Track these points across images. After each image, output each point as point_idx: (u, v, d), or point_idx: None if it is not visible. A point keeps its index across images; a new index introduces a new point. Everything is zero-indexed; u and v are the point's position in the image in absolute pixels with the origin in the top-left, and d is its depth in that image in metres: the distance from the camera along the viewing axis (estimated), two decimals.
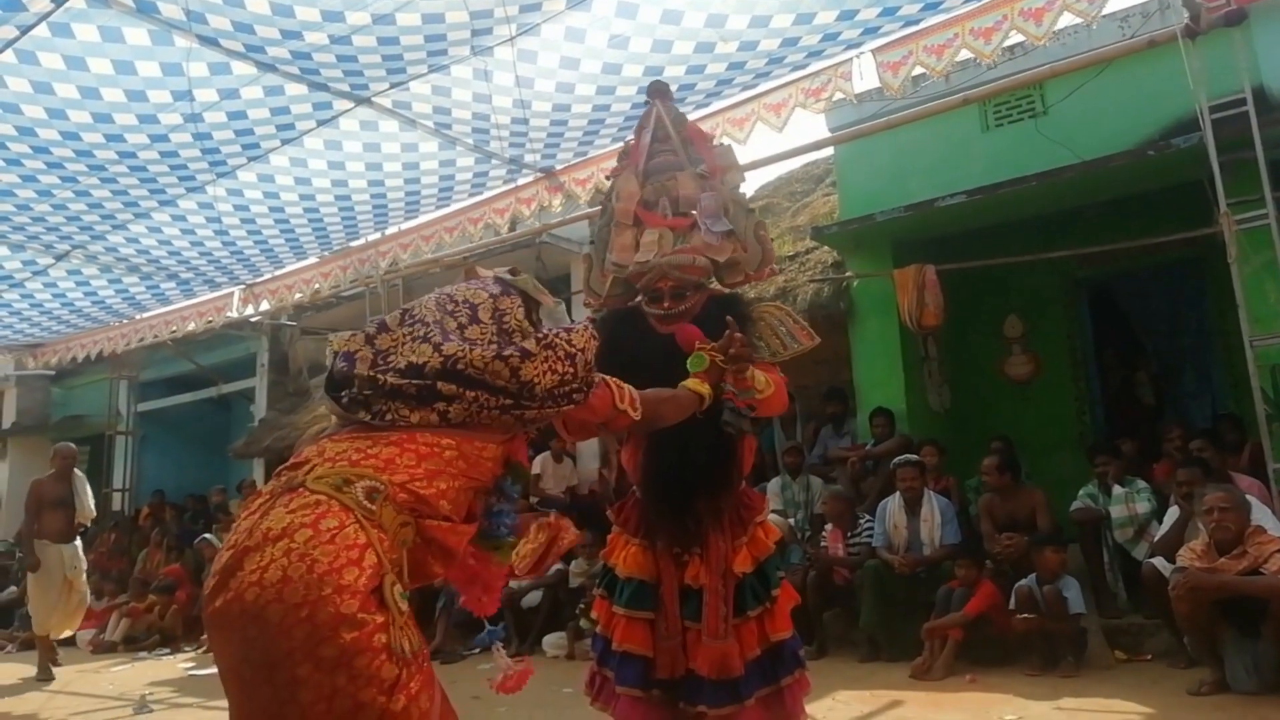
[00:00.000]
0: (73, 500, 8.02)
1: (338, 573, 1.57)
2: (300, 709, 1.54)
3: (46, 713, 6.51)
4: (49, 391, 15.88)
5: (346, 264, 8.66)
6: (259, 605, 1.54)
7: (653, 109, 3.39)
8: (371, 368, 1.94)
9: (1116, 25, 6.84)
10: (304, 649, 1.53)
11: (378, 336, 2.02)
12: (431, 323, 1.97)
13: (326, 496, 1.66)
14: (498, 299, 2.04)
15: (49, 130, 5.41)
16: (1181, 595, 4.57)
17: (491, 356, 1.88)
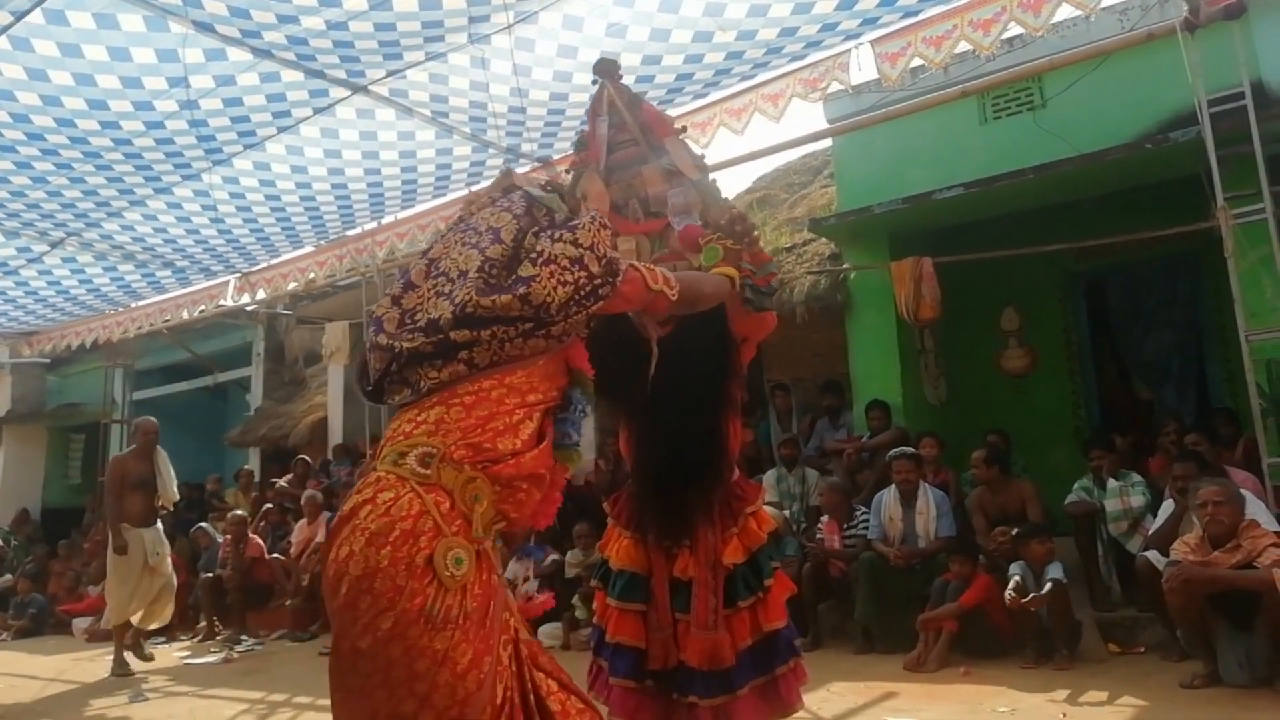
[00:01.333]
0: (154, 480, 7.36)
1: (393, 545, 1.66)
2: (362, 678, 1.64)
3: (40, 702, 6.51)
4: (44, 379, 15.84)
5: (343, 253, 8.64)
6: (335, 581, 1.69)
7: (603, 90, 3.17)
8: (399, 326, 1.95)
9: (1115, 18, 6.83)
10: (366, 621, 1.63)
11: (404, 296, 2.01)
12: (454, 273, 1.95)
13: (386, 473, 1.77)
14: (520, 219, 2.03)
15: (44, 117, 5.39)
16: (1175, 588, 4.58)
17: (499, 294, 1.87)
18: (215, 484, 12.53)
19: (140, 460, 7.33)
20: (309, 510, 9.76)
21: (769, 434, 8.51)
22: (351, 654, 1.66)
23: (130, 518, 7.16)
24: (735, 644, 2.84)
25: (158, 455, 7.43)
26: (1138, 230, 6.82)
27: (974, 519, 6.38)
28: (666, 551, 2.94)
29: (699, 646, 2.80)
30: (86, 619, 10.41)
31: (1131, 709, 4.35)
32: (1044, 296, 8.52)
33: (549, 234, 1.99)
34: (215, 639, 9.06)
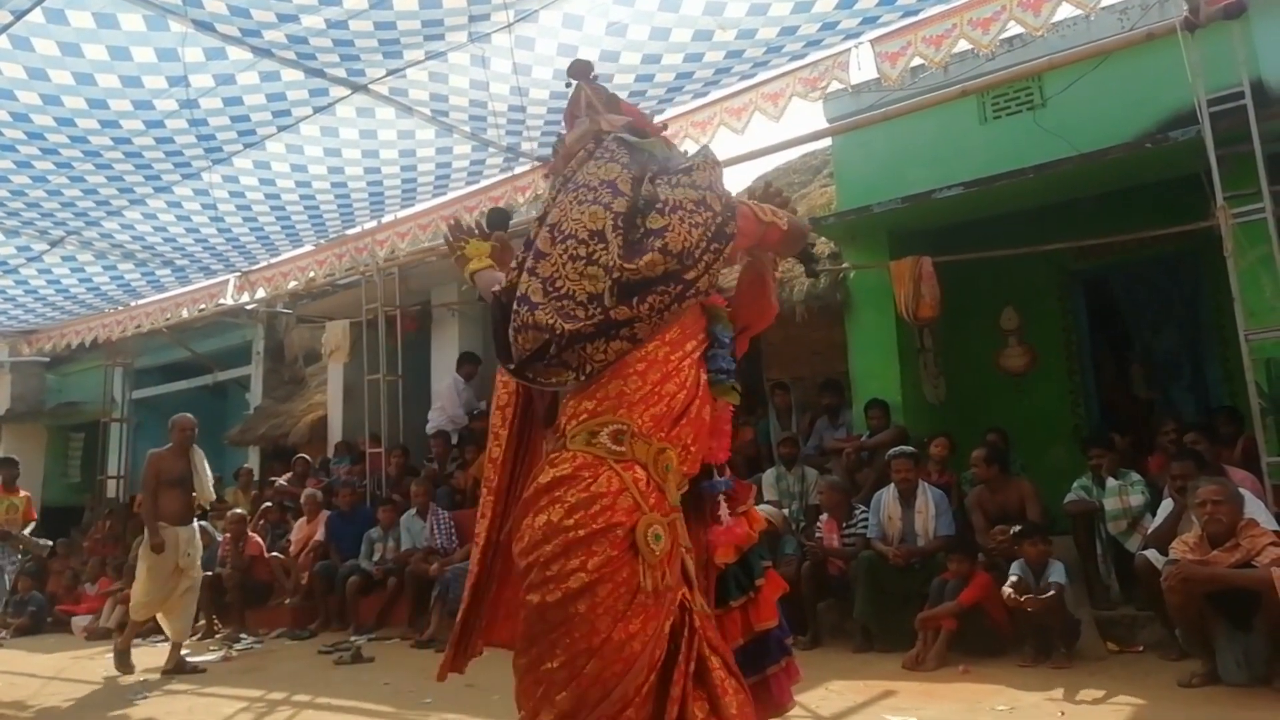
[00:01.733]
0: (191, 478, 7.20)
1: (589, 520, 1.81)
2: (547, 628, 1.80)
3: (39, 699, 6.51)
4: (44, 378, 15.85)
5: (343, 252, 8.64)
6: (531, 546, 1.84)
7: (579, 93, 3.04)
8: (546, 297, 1.92)
9: (1115, 18, 6.83)
10: (558, 581, 1.79)
11: (538, 265, 1.97)
12: (583, 234, 1.93)
13: (581, 451, 1.88)
14: (629, 166, 2.02)
15: (44, 116, 5.39)
16: (1173, 587, 4.59)
17: (640, 255, 1.88)
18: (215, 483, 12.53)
19: (177, 457, 7.20)
20: (308, 509, 9.78)
21: (768, 432, 8.51)
22: (540, 608, 1.81)
23: (166, 515, 7.01)
24: (727, 644, 2.84)
25: (194, 453, 7.31)
26: (1137, 229, 6.83)
27: (973, 518, 6.39)
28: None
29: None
30: (86, 617, 10.42)
31: (1130, 707, 4.36)
32: (1043, 296, 8.53)
33: (666, 180, 1.98)
34: (214, 637, 9.07)
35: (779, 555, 6.77)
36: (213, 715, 5.60)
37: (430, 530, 8.60)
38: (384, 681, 6.21)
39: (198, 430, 7.47)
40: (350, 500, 9.54)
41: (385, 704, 5.54)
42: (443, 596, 7.81)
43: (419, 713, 5.32)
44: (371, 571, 8.71)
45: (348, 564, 8.91)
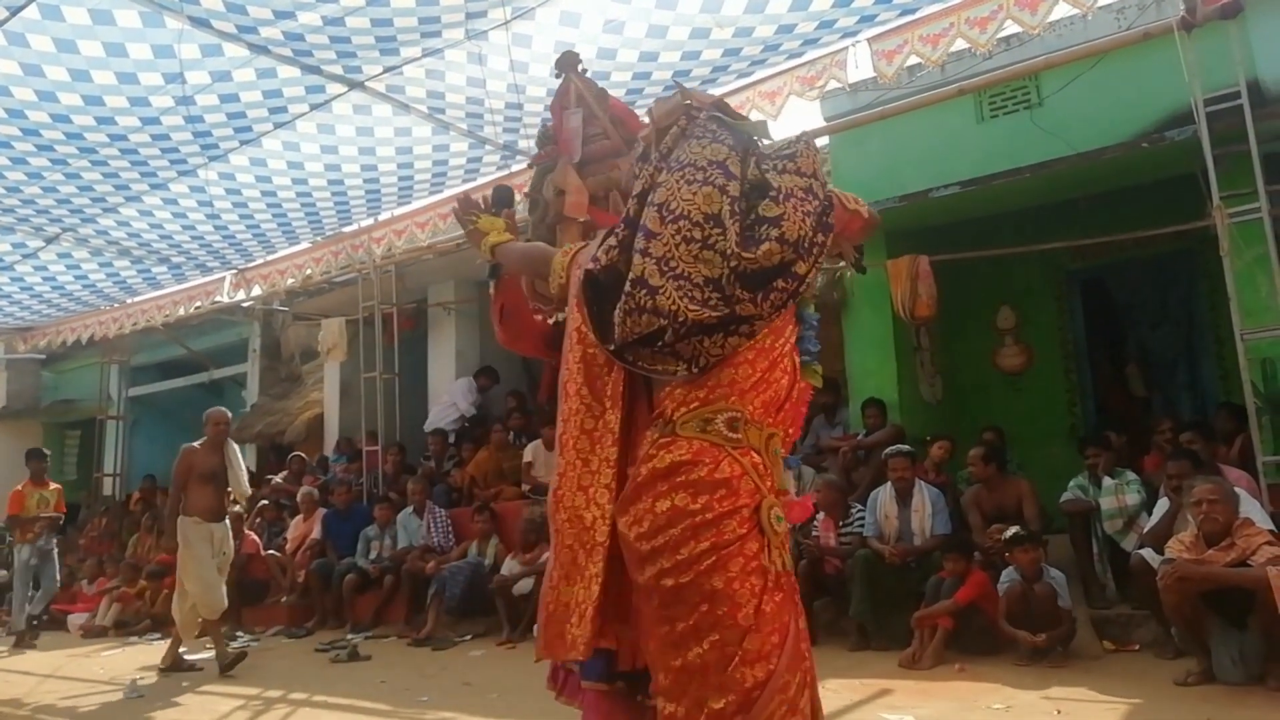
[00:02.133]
0: (225, 474, 6.97)
1: (715, 504, 1.86)
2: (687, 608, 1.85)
3: (35, 697, 6.50)
4: (39, 375, 15.81)
5: (339, 249, 8.64)
6: (653, 530, 1.88)
7: (569, 84, 3.03)
8: (664, 278, 1.88)
9: (1112, 17, 6.83)
10: (688, 563, 1.84)
11: (650, 245, 1.91)
12: (698, 217, 1.90)
13: (697, 438, 1.92)
14: (735, 147, 2.00)
15: (39, 113, 5.38)
16: (1169, 586, 4.59)
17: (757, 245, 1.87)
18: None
19: (211, 452, 6.96)
20: (305, 506, 9.77)
21: None
22: (675, 589, 1.86)
23: (200, 511, 6.77)
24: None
25: (229, 447, 7.08)
26: (1134, 229, 6.84)
27: (970, 516, 6.39)
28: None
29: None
30: (82, 615, 10.40)
31: (1126, 706, 4.36)
32: (1040, 295, 8.54)
33: (774, 165, 1.97)
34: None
35: None
36: (209, 713, 5.60)
37: (427, 528, 8.60)
38: (380, 680, 6.20)
39: (232, 424, 7.26)
40: (346, 498, 9.53)
41: (382, 702, 5.53)
42: (439, 594, 7.80)
43: (415, 711, 5.31)
44: (368, 569, 8.70)
45: (344, 562, 8.90)
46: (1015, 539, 5.57)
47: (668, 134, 2.09)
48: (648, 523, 1.90)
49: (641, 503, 1.92)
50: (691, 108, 2.11)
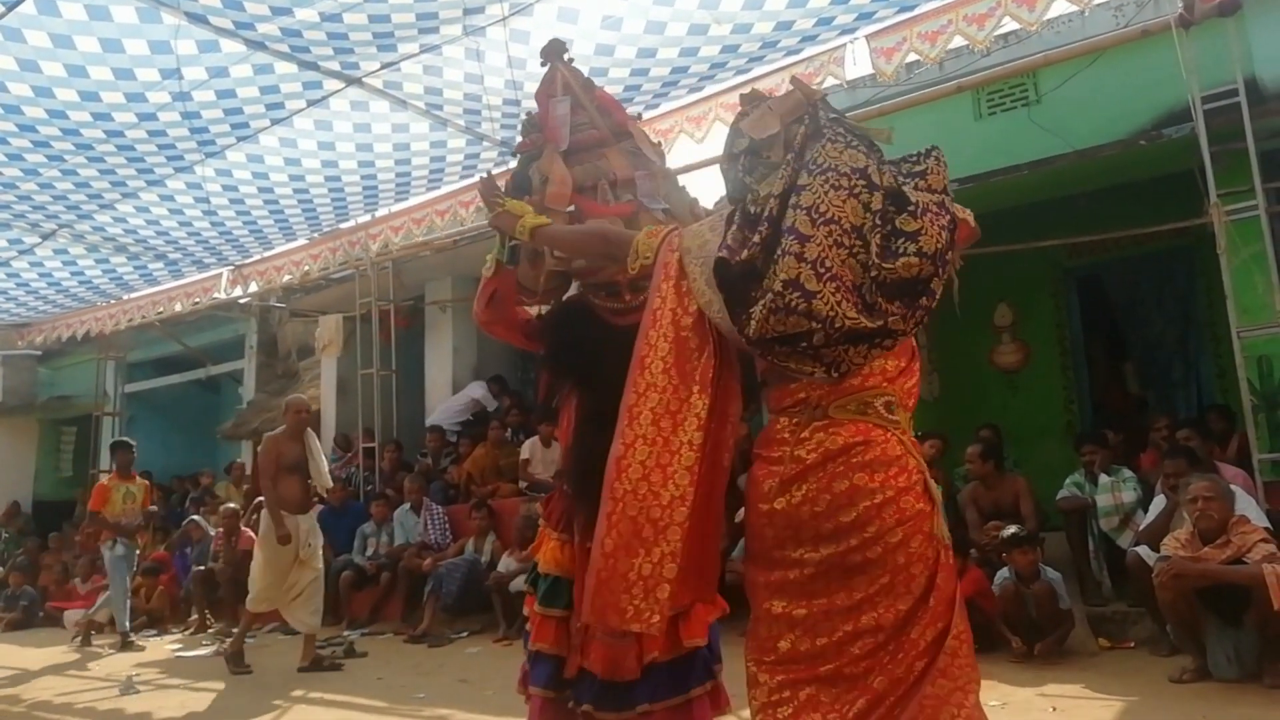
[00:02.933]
0: (308, 464, 6.72)
1: (892, 480, 1.98)
2: (869, 579, 1.97)
3: (31, 694, 6.49)
4: (36, 372, 15.76)
5: (336, 246, 8.64)
6: (833, 509, 1.98)
7: (555, 73, 2.99)
8: (820, 282, 1.91)
9: (1110, 14, 6.83)
10: (875, 539, 1.96)
11: (804, 249, 1.92)
12: (846, 225, 1.95)
13: (859, 419, 2.03)
14: (871, 157, 2.04)
15: (35, 108, 5.36)
16: (1165, 583, 4.60)
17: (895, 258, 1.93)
18: (209, 478, 12.52)
19: (293, 442, 6.70)
20: None
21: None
22: (861, 563, 1.98)
23: (286, 504, 6.52)
24: (643, 655, 2.62)
25: (309, 437, 6.81)
26: (1131, 226, 6.84)
27: (966, 513, 6.39)
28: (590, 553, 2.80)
29: (602, 653, 2.61)
30: (78, 612, 10.38)
31: (1121, 703, 4.37)
32: (1037, 292, 8.54)
33: (908, 180, 2.03)
34: (207, 632, 9.05)
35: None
36: (205, 710, 5.59)
37: (424, 525, 8.59)
38: (377, 676, 6.20)
39: (311, 414, 7.01)
40: (340, 495, 9.52)
41: (378, 699, 5.53)
42: (435, 591, 7.80)
43: (411, 707, 5.31)
44: (365, 566, 8.70)
45: (340, 559, 8.89)
46: (1013, 540, 5.55)
47: (796, 133, 2.10)
48: (825, 502, 2.00)
49: (813, 482, 2.01)
50: (812, 107, 2.13)
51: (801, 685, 2.03)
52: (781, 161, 2.08)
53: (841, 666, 1.99)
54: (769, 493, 2.07)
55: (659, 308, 2.16)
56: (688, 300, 2.14)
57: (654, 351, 2.13)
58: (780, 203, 2.02)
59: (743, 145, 2.19)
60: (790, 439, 2.08)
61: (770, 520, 2.08)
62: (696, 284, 2.13)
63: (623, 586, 2.05)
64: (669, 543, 2.04)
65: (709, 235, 2.17)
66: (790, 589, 2.07)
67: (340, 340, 10.60)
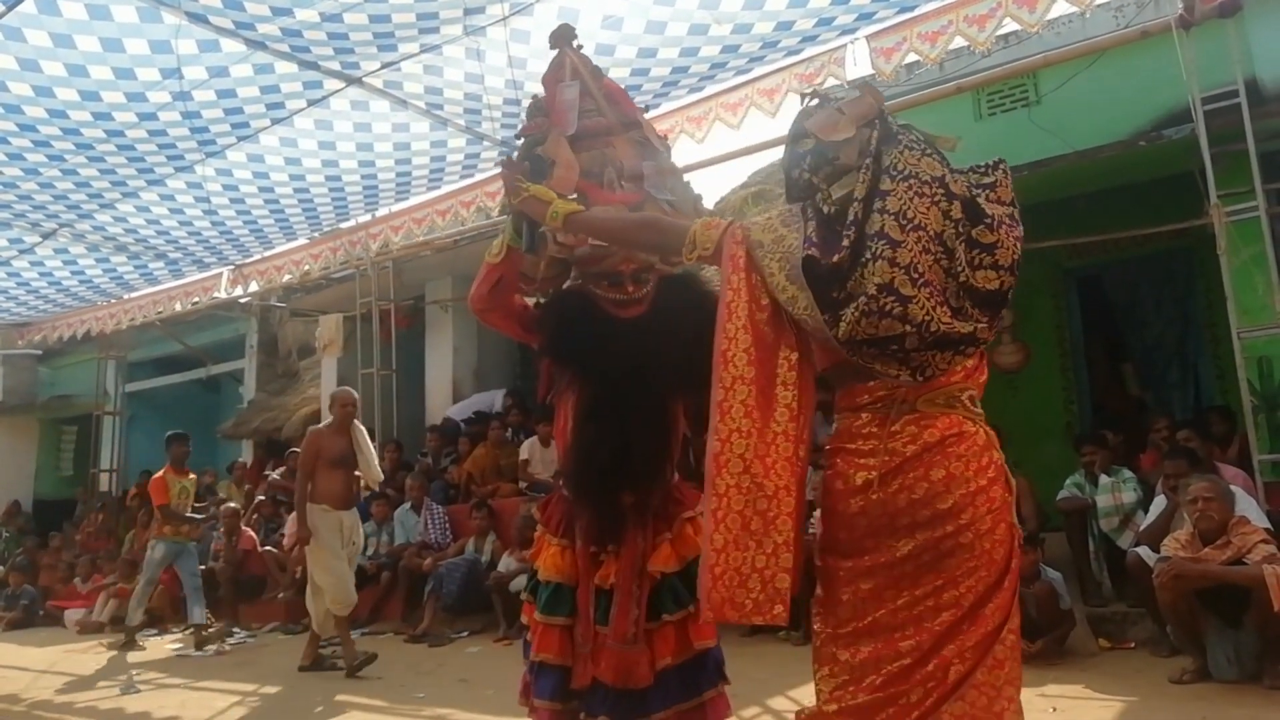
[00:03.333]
0: (354, 458, 6.53)
1: (984, 470, 2.08)
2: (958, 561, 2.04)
3: (32, 693, 6.50)
4: (36, 371, 15.78)
5: (337, 245, 8.63)
6: (930, 495, 2.05)
7: (564, 58, 2.96)
8: (915, 288, 1.96)
9: (1110, 15, 6.84)
10: (967, 522, 2.03)
11: (896, 254, 1.97)
12: (933, 232, 2.00)
13: (949, 412, 2.11)
14: (946, 166, 2.08)
15: (35, 108, 5.36)
16: (1165, 584, 4.60)
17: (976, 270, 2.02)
18: (211, 477, 12.52)
19: (339, 435, 6.50)
20: None
21: None
22: (954, 548, 2.05)
23: (330, 499, 6.33)
24: (655, 661, 2.58)
25: (356, 429, 6.61)
26: (1131, 227, 6.84)
27: None
28: (593, 558, 2.66)
29: (613, 662, 2.54)
30: (79, 611, 10.40)
31: (1121, 704, 4.37)
32: (1037, 293, 8.53)
33: (979, 191, 2.07)
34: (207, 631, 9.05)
35: None
36: (205, 709, 5.60)
37: (424, 525, 8.59)
38: (377, 676, 6.20)
39: (359, 405, 6.83)
40: None
41: (378, 698, 5.53)
42: (436, 591, 7.80)
43: (412, 707, 5.32)
44: (365, 566, 8.69)
45: None
46: None
47: (868, 137, 2.14)
48: (923, 490, 2.06)
49: (911, 472, 2.08)
50: (881, 114, 2.17)
51: (884, 662, 2.11)
52: (854, 165, 2.11)
53: (921, 641, 2.07)
54: (863, 485, 2.12)
55: (732, 300, 2.15)
56: (759, 293, 2.14)
57: (735, 344, 2.14)
58: (864, 207, 2.05)
59: (808, 145, 2.20)
60: (879, 433, 2.12)
61: (864, 511, 2.13)
62: (776, 279, 2.11)
63: (738, 581, 2.09)
64: (780, 533, 2.10)
65: (782, 230, 2.15)
66: (880, 572, 2.13)
67: (341, 340, 10.60)
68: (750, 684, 5.17)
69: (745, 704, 4.81)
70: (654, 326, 2.67)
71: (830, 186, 2.14)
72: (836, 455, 2.22)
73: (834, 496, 2.20)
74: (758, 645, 6.41)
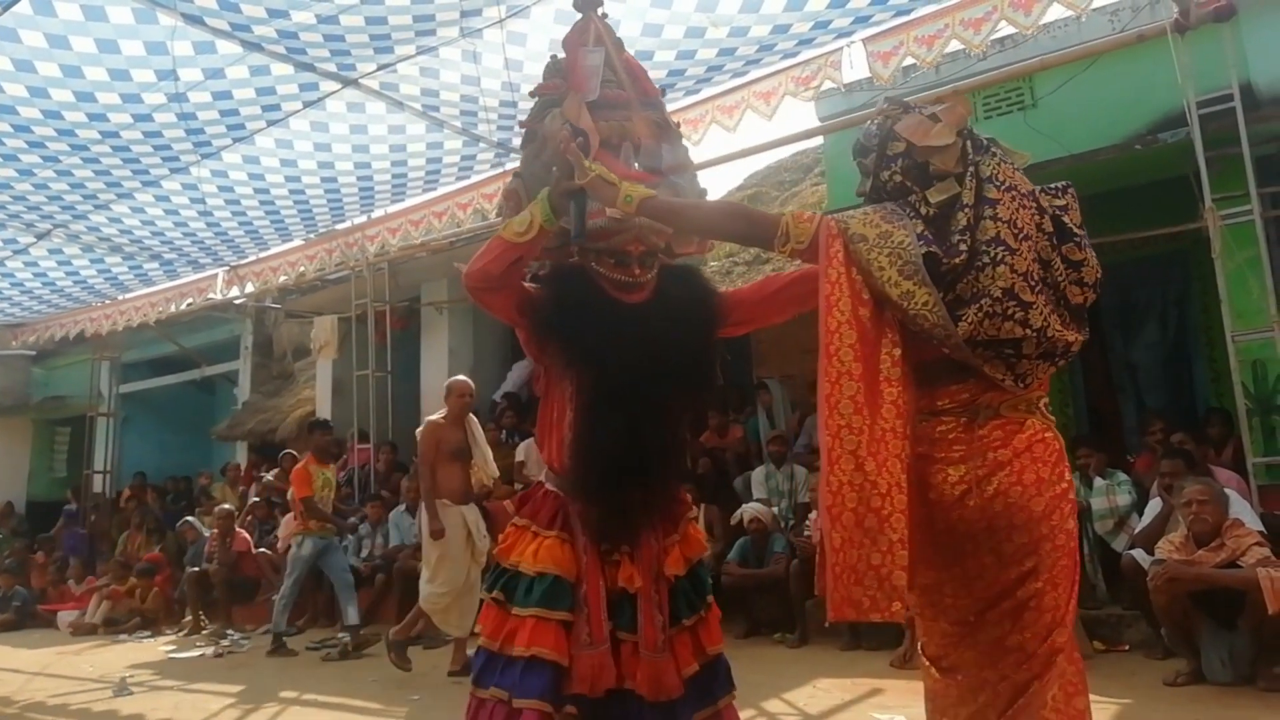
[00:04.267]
0: (470, 451, 6.24)
1: (1062, 472, 2.18)
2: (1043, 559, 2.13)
3: (25, 695, 6.48)
4: (30, 372, 15.72)
5: (332, 247, 8.62)
6: (1024, 500, 2.12)
7: (589, 23, 2.80)
8: (1033, 293, 2.07)
9: (1106, 19, 6.84)
10: (1057, 524, 2.14)
11: (1014, 260, 2.06)
12: (1036, 243, 2.11)
13: (1030, 417, 2.19)
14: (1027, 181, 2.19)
15: (30, 109, 5.35)
16: (1159, 587, 4.61)
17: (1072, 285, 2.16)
18: (206, 479, 12.50)
19: (456, 428, 6.21)
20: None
21: (758, 430, 8.52)
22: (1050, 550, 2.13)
23: (449, 494, 6.07)
24: (680, 669, 2.46)
25: (471, 422, 6.31)
26: (1127, 230, 6.85)
27: None
28: (604, 557, 2.48)
29: (649, 673, 2.39)
30: (72, 613, 10.37)
31: (1115, 706, 4.38)
32: None
33: (1064, 211, 2.18)
34: (201, 633, 9.03)
35: (768, 553, 6.78)
36: (199, 711, 5.58)
37: (419, 527, 8.56)
38: (371, 678, 6.19)
39: (475, 397, 6.53)
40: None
41: (373, 700, 5.53)
42: None
43: (406, 709, 5.31)
44: (360, 568, 8.68)
45: None
46: None
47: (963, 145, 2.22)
48: (1018, 493, 2.13)
49: (1006, 475, 2.14)
50: (969, 132, 2.25)
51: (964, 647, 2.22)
52: (950, 171, 2.18)
53: (1004, 637, 2.16)
54: (961, 495, 2.16)
55: (833, 295, 2.17)
56: (860, 288, 2.16)
57: (839, 339, 2.17)
58: (974, 213, 2.12)
59: (900, 148, 2.24)
60: (965, 437, 2.18)
61: (962, 518, 2.16)
62: (887, 273, 2.12)
63: (854, 579, 2.08)
64: (895, 530, 2.07)
65: (885, 226, 2.16)
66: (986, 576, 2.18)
67: (336, 341, 10.58)
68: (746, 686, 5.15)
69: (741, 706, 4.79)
70: (659, 315, 2.52)
71: (925, 190, 2.19)
72: (921, 462, 2.20)
73: (929, 507, 2.19)
74: (753, 648, 6.42)
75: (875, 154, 2.30)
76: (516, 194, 2.70)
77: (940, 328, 2.08)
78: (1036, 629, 2.13)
